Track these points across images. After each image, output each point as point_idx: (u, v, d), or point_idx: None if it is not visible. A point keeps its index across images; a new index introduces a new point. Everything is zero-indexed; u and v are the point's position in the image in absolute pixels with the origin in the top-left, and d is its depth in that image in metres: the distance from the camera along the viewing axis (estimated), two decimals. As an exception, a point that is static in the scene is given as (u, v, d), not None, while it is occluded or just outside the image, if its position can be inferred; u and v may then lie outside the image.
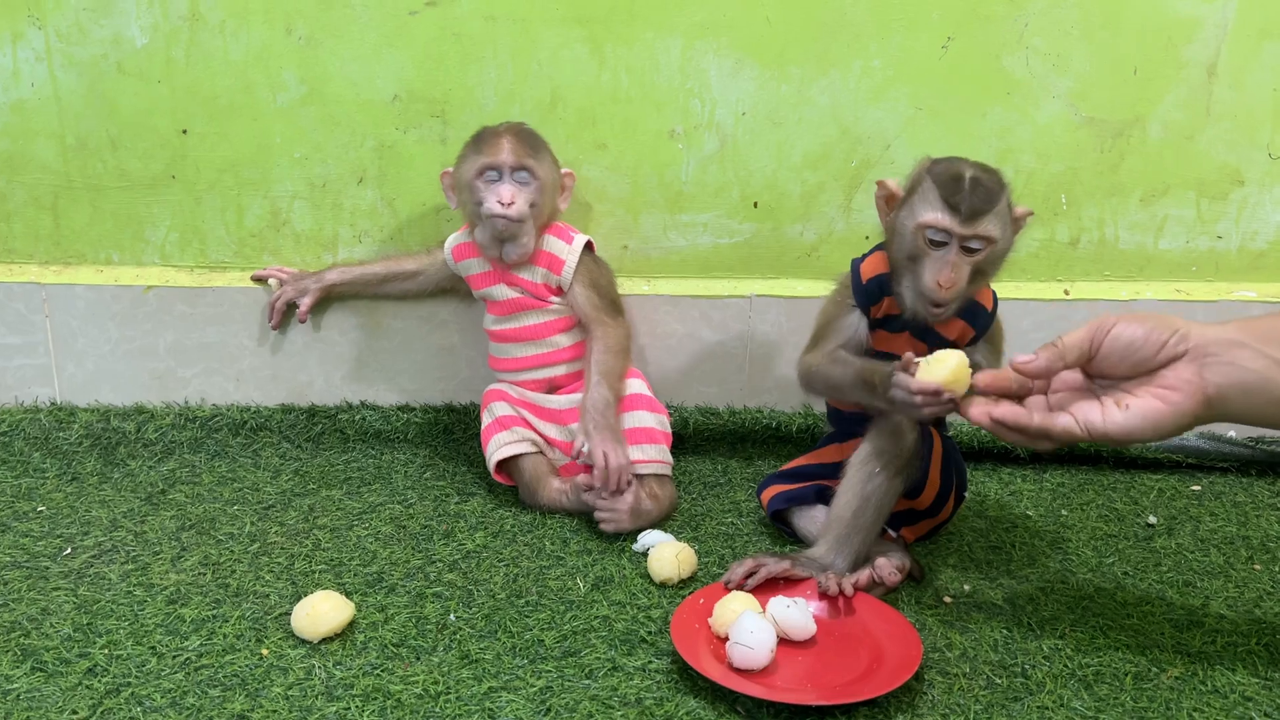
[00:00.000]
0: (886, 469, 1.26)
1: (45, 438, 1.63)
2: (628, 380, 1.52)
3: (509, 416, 1.51)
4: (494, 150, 1.44)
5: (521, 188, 1.45)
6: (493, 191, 1.44)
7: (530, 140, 1.48)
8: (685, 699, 1.09)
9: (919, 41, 1.58)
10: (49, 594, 1.24)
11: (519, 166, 1.45)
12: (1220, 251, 1.70)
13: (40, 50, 1.56)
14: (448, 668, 1.13)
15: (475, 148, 1.47)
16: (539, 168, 1.46)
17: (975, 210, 1.19)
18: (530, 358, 1.53)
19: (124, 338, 1.66)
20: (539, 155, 1.47)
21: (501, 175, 1.44)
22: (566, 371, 1.54)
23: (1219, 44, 1.59)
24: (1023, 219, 1.26)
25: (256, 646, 1.15)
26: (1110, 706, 1.09)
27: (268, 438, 1.66)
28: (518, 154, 1.45)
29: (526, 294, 1.51)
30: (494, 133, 1.47)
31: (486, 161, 1.44)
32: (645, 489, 1.43)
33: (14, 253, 1.66)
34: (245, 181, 1.63)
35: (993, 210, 1.20)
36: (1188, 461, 1.64)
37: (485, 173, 1.45)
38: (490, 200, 1.44)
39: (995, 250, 1.22)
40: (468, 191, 1.47)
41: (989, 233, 1.20)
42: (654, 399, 1.53)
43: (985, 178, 1.21)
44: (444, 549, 1.37)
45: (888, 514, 1.29)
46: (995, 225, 1.21)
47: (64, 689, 1.08)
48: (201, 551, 1.35)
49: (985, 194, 1.20)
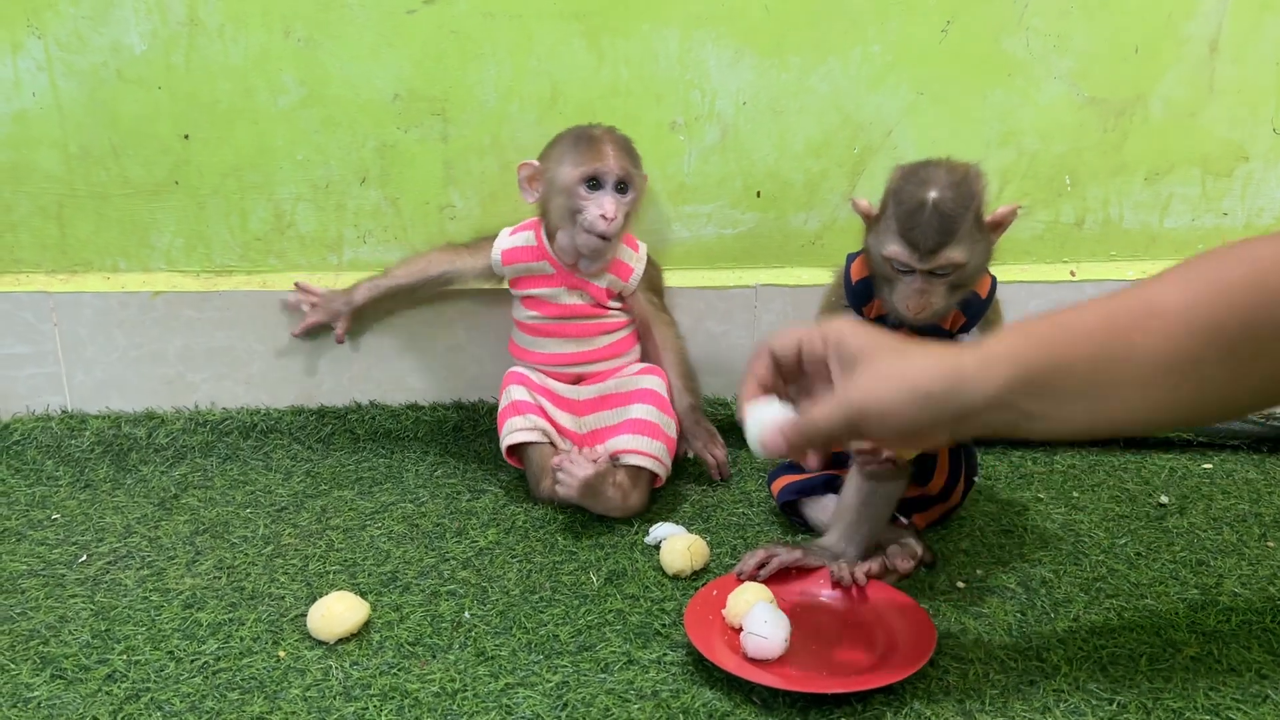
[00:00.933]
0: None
1: (57, 445, 1.64)
2: (649, 376, 1.52)
3: (525, 402, 1.50)
4: (599, 158, 1.42)
5: (621, 199, 1.43)
6: (595, 203, 1.42)
7: (628, 148, 1.46)
8: (701, 690, 1.09)
9: (918, 26, 1.57)
10: (66, 601, 1.25)
11: (622, 178, 1.43)
12: (1226, 228, 1.70)
13: (41, 60, 1.56)
14: (464, 665, 1.13)
15: (575, 152, 1.44)
16: (637, 177, 1.46)
17: (934, 246, 1.17)
18: (567, 355, 1.53)
19: (132, 344, 1.67)
20: (637, 164, 1.46)
21: (604, 185, 1.43)
22: (599, 369, 1.54)
23: (1220, 19, 1.59)
24: (1005, 220, 1.21)
25: (273, 649, 1.16)
26: (1126, 688, 1.09)
27: (278, 440, 1.67)
28: (622, 164, 1.43)
29: (589, 300, 1.50)
30: (595, 138, 1.44)
31: (591, 170, 1.42)
32: (615, 476, 1.41)
33: (21, 262, 1.67)
34: (248, 185, 1.63)
35: (953, 240, 1.17)
36: (1198, 440, 1.64)
37: (588, 180, 1.43)
38: (593, 213, 1.41)
39: (965, 271, 1.20)
40: (564, 196, 1.44)
41: (952, 260, 1.18)
42: (667, 401, 1.51)
43: (949, 201, 1.16)
44: (457, 547, 1.37)
45: (896, 500, 1.29)
46: (959, 251, 1.18)
47: (84, 695, 1.09)
48: (216, 555, 1.35)
49: (945, 224, 1.16)
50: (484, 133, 1.61)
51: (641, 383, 1.51)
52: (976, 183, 1.20)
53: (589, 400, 1.52)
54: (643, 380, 1.52)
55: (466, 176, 1.63)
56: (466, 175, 1.63)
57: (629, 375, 1.53)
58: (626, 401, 1.50)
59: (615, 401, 1.51)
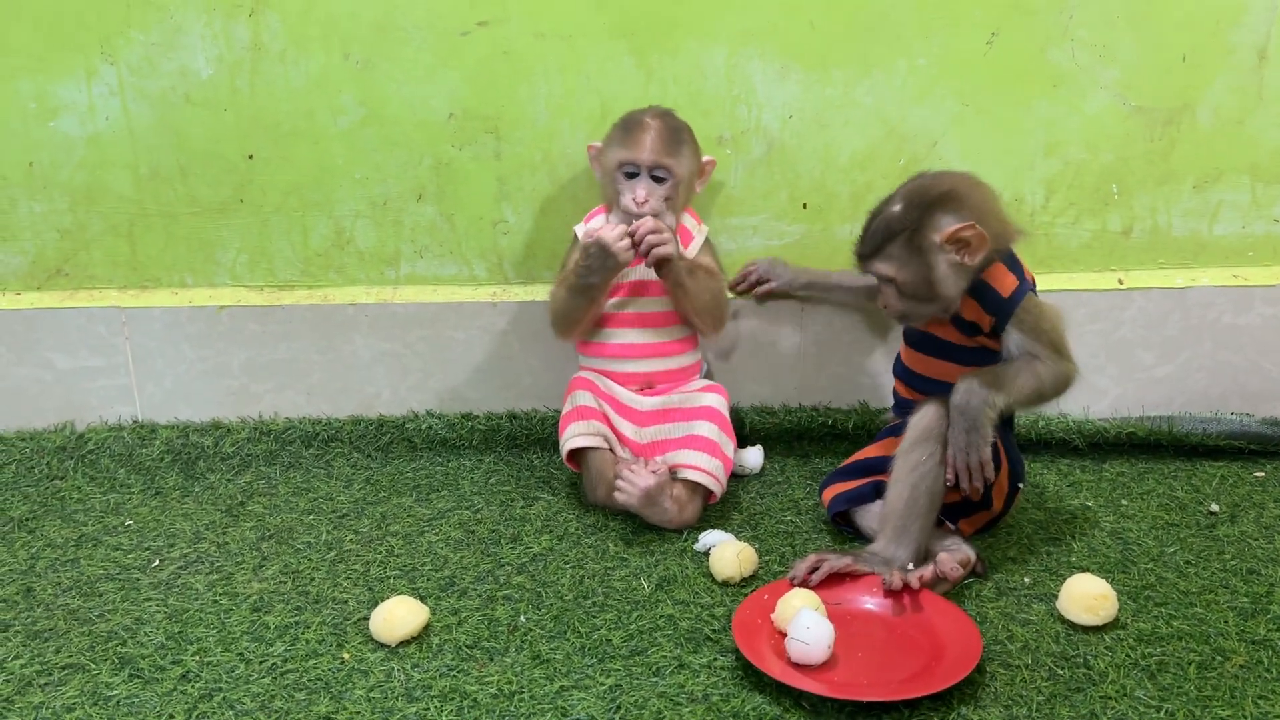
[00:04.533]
0: (932, 455, 1.28)
1: (129, 454, 1.70)
2: (712, 395, 1.55)
3: (589, 408, 1.53)
4: (636, 147, 1.48)
5: (657, 185, 1.49)
6: (629, 189, 1.49)
7: (673, 136, 1.50)
8: (751, 695, 1.12)
9: (962, 38, 1.59)
10: (141, 604, 1.31)
11: (657, 166, 1.49)
12: (1278, 235, 1.69)
13: (114, 85, 1.63)
14: (520, 668, 1.17)
15: (621, 138, 1.51)
16: (677, 165, 1.50)
17: (864, 254, 1.33)
18: (640, 345, 1.56)
19: (199, 357, 1.73)
20: (679, 152, 1.50)
21: (640, 173, 1.49)
22: (667, 368, 1.57)
23: (1268, 26, 1.58)
24: (961, 237, 1.27)
25: (338, 651, 1.21)
26: (1174, 696, 1.10)
27: (339, 449, 1.72)
28: (657, 153, 1.48)
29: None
30: (640, 125, 1.50)
31: (626, 157, 1.49)
32: (673, 489, 1.45)
33: (94, 279, 1.74)
34: (309, 203, 1.69)
35: (880, 254, 1.31)
36: (1250, 448, 1.63)
37: (624, 166, 1.49)
38: (627, 198, 1.49)
39: (907, 284, 1.30)
40: (609, 180, 1.52)
41: (882, 272, 1.31)
42: (728, 421, 1.53)
43: (893, 216, 1.29)
44: (512, 552, 1.41)
45: (940, 500, 1.31)
46: (888, 265, 1.30)
47: (160, 695, 1.14)
48: (281, 560, 1.41)
49: (873, 239, 1.31)
50: (535, 149, 1.65)
51: (705, 400, 1.54)
52: (941, 207, 1.28)
53: (652, 412, 1.55)
54: (706, 398, 1.54)
55: (519, 192, 1.67)
56: (519, 191, 1.67)
57: (692, 391, 1.56)
58: (690, 417, 1.53)
59: (678, 416, 1.54)
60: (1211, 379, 1.71)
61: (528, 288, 1.72)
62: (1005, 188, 1.65)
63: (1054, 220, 1.68)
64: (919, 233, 1.28)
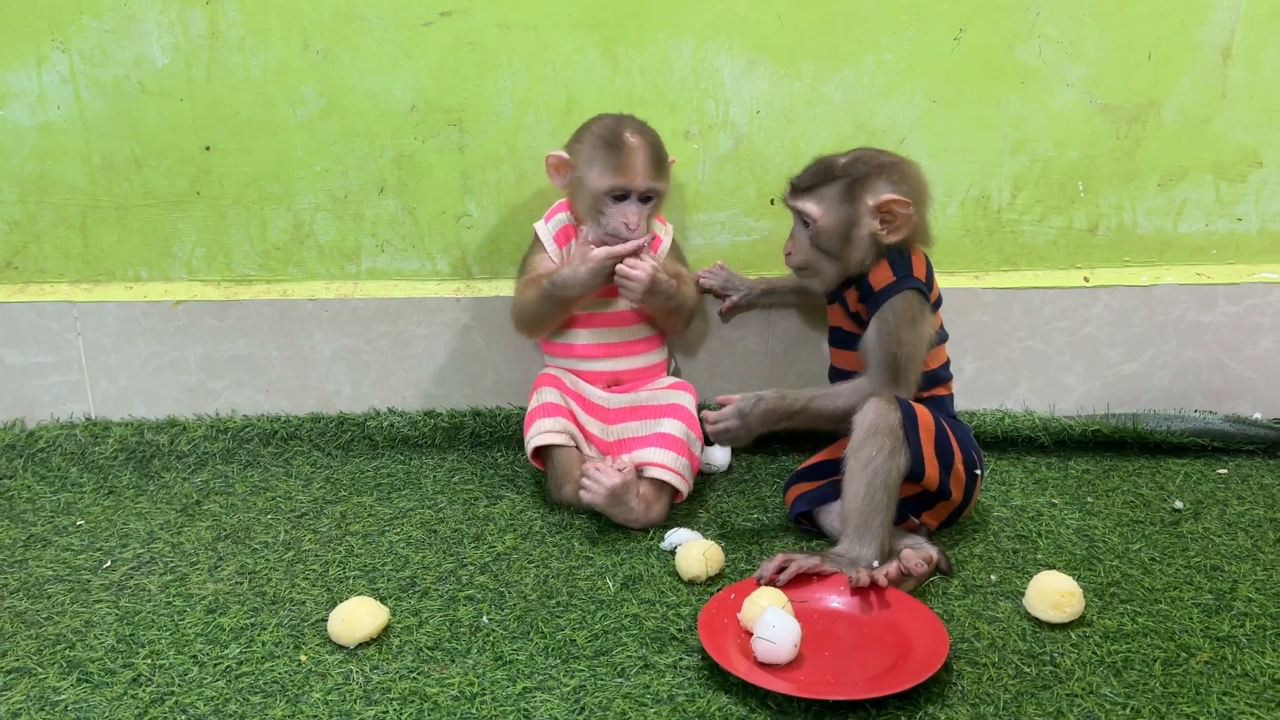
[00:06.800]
0: (881, 449, 1.28)
1: (81, 453, 1.66)
2: (680, 392, 1.54)
3: (555, 405, 1.51)
4: (629, 173, 1.45)
5: (644, 208, 1.48)
6: (619, 213, 1.46)
7: (658, 155, 1.48)
8: (717, 695, 1.10)
9: (931, 34, 1.58)
10: (91, 606, 1.27)
11: (649, 192, 1.47)
12: (1240, 234, 1.70)
13: (65, 73, 1.59)
14: (482, 669, 1.15)
15: (607, 158, 1.46)
16: (664, 185, 1.49)
17: (800, 185, 1.38)
18: (606, 345, 1.55)
19: (154, 353, 1.69)
20: (665, 172, 1.49)
21: (631, 198, 1.47)
22: (634, 366, 1.56)
23: (1233, 25, 1.59)
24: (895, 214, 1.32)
25: (295, 653, 1.18)
26: (1139, 692, 1.10)
27: (298, 446, 1.69)
28: (649, 178, 1.46)
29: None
30: (626, 147, 1.46)
31: (618, 183, 1.45)
32: (640, 487, 1.43)
33: (45, 272, 1.69)
34: (268, 195, 1.65)
35: (812, 192, 1.36)
36: (1213, 445, 1.64)
37: (614, 191, 1.46)
38: (617, 220, 1.46)
39: (820, 230, 1.35)
40: (592, 200, 1.48)
41: (807, 210, 1.36)
42: (696, 420, 1.52)
43: (838, 159, 1.37)
44: (474, 552, 1.39)
45: (897, 493, 1.30)
46: (816, 205, 1.36)
47: (109, 699, 1.11)
48: (238, 561, 1.37)
49: (814, 173, 1.36)
50: (500, 143, 1.63)
51: (673, 397, 1.53)
52: (885, 175, 1.33)
53: (620, 409, 1.54)
54: (674, 395, 1.53)
55: (483, 186, 1.65)
56: (483, 184, 1.65)
57: (660, 388, 1.55)
58: (657, 415, 1.52)
59: (645, 414, 1.53)
60: (1176, 376, 1.71)
61: (492, 283, 1.69)
62: (972, 184, 1.65)
63: (1021, 217, 1.68)
64: (857, 186, 1.33)
